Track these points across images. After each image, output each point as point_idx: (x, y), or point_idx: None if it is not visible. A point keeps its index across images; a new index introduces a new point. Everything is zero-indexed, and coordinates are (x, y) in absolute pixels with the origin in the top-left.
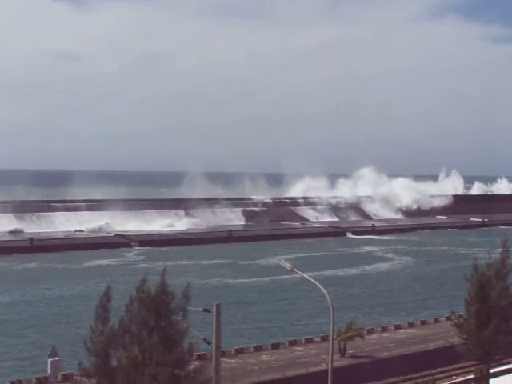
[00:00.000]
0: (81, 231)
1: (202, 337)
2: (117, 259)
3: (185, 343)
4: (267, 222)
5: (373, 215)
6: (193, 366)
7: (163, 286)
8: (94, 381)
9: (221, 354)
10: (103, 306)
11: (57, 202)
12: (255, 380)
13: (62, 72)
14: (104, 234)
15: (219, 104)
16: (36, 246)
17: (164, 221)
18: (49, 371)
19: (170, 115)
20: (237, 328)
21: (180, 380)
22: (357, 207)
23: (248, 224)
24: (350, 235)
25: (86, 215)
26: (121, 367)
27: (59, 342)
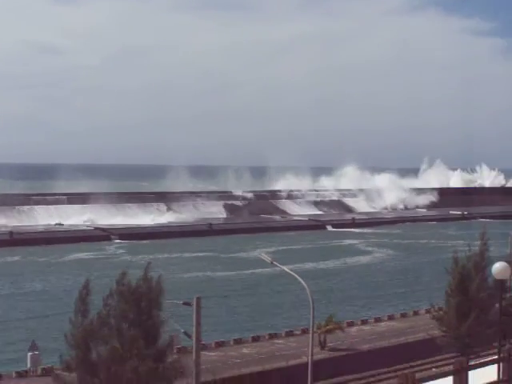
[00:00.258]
0: (61, 225)
1: (183, 330)
2: (97, 253)
3: (165, 336)
4: (248, 216)
5: (355, 210)
6: (172, 359)
7: (146, 280)
8: (75, 374)
9: (201, 347)
10: (82, 300)
11: (38, 196)
12: (236, 373)
13: (43, 65)
14: (84, 228)
15: (202, 96)
16: (16, 240)
17: (147, 216)
18: (28, 365)
19: (153, 108)
20: (217, 321)
21: (160, 372)
22: (339, 202)
23: (229, 217)
24: (331, 228)
25: (68, 209)
26: (101, 360)
27: (39, 336)
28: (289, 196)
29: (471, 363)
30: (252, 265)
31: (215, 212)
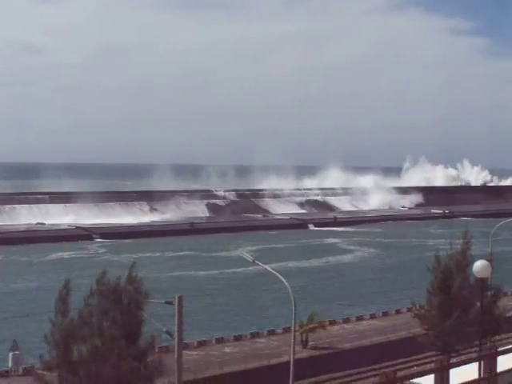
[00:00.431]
0: (42, 224)
1: (165, 329)
2: (79, 252)
3: (147, 335)
4: (231, 215)
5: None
6: (154, 358)
7: (130, 279)
8: (56, 374)
9: (183, 346)
10: (62, 299)
11: (20, 195)
12: (217, 372)
13: (24, 63)
14: (66, 227)
15: (184, 95)
16: None
17: (129, 215)
18: (10, 365)
19: (135, 106)
20: (199, 320)
21: (141, 371)
22: (322, 201)
23: (211, 216)
24: (313, 227)
25: (50, 208)
26: (82, 359)
27: (21, 336)
28: (272, 195)
29: (452, 361)
30: (234, 264)
31: (198, 211)
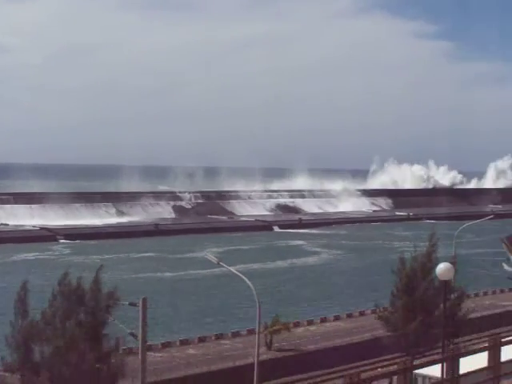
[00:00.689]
0: (6, 225)
1: (129, 331)
2: (43, 253)
3: (111, 337)
4: (197, 217)
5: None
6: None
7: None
8: (18, 375)
9: (147, 348)
10: (21, 301)
11: None
12: (181, 374)
13: None
14: (30, 228)
15: (152, 95)
16: None
17: (94, 216)
18: None
19: (101, 107)
20: (164, 322)
21: (104, 372)
22: (289, 203)
23: (176, 218)
24: (277, 229)
25: (14, 209)
26: (44, 360)
27: None
28: (238, 197)
29: (415, 363)
30: (199, 265)
31: (164, 213)
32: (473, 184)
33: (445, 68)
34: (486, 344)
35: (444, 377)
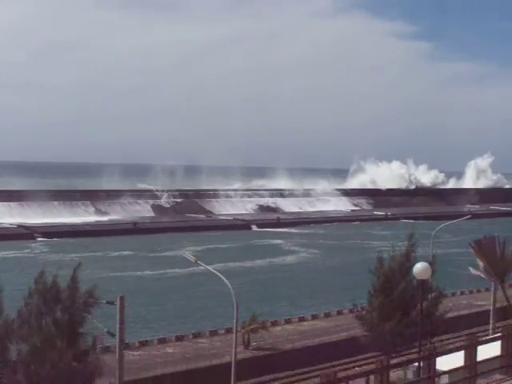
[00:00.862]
0: None
1: (106, 329)
2: (21, 251)
3: (88, 335)
4: (175, 215)
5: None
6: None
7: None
8: None
9: (124, 347)
10: None
11: None
12: (158, 372)
13: None
14: (7, 226)
15: (132, 93)
16: None
17: (73, 214)
18: None
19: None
20: (141, 320)
21: (81, 371)
22: (269, 202)
23: (155, 216)
24: (256, 228)
25: None
26: (21, 358)
27: None
28: (217, 196)
29: (393, 362)
30: (177, 264)
31: (142, 211)
32: (451, 183)
33: (423, 68)
34: (463, 343)
35: (420, 376)
